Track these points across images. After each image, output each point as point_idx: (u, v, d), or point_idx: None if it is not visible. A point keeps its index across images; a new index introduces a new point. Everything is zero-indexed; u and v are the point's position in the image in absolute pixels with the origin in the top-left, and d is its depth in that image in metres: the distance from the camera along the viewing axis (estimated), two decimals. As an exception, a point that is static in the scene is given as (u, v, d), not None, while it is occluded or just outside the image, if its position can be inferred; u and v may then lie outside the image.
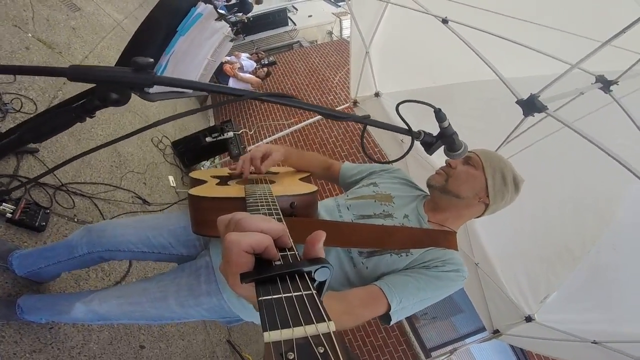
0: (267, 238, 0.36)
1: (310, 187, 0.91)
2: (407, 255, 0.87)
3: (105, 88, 0.48)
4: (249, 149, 3.53)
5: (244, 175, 0.96)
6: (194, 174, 1.00)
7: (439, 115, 0.77)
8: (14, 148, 0.53)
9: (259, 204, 0.65)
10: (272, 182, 0.95)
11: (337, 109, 4.55)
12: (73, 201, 1.82)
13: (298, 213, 0.83)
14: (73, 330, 1.46)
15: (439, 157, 0.90)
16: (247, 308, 0.93)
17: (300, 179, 1.06)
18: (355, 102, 3.24)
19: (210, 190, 0.87)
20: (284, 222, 0.44)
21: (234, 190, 0.87)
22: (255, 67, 6.10)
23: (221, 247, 0.39)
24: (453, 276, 0.86)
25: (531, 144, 1.46)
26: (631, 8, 0.99)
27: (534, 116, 1.10)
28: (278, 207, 0.63)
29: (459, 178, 0.97)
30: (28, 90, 1.91)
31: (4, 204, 1.39)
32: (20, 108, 1.75)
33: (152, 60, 0.49)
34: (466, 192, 0.97)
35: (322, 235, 0.38)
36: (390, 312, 0.77)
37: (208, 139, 3.73)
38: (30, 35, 2.19)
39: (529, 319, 1.48)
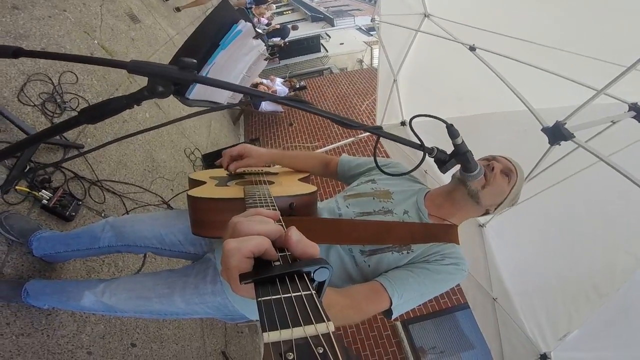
0: (266, 241, 0.36)
1: (310, 188, 0.91)
2: (408, 253, 0.86)
3: (154, 82, 0.55)
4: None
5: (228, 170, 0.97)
6: (192, 175, 0.99)
7: (451, 131, 0.74)
8: (71, 127, 0.61)
9: (258, 205, 0.64)
10: (271, 182, 0.95)
11: (361, 135, 4.62)
12: (104, 197, 1.94)
13: (297, 213, 0.83)
14: (70, 319, 1.46)
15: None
16: (253, 307, 0.94)
17: (300, 179, 1.05)
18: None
19: (209, 191, 0.85)
20: (283, 223, 0.44)
21: (232, 191, 0.86)
22: (288, 93, 6.43)
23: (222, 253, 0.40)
24: (452, 269, 0.85)
25: (563, 179, 1.40)
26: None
27: (560, 145, 1.06)
28: (277, 208, 0.62)
29: (493, 190, 0.93)
30: (86, 92, 2.13)
31: (43, 190, 1.53)
32: (77, 107, 1.95)
33: (195, 61, 0.56)
34: (489, 202, 0.95)
35: (291, 231, 0.37)
36: (392, 307, 0.78)
37: (236, 154, 3.89)
38: (96, 42, 2.48)
39: (544, 357, 1.37)
